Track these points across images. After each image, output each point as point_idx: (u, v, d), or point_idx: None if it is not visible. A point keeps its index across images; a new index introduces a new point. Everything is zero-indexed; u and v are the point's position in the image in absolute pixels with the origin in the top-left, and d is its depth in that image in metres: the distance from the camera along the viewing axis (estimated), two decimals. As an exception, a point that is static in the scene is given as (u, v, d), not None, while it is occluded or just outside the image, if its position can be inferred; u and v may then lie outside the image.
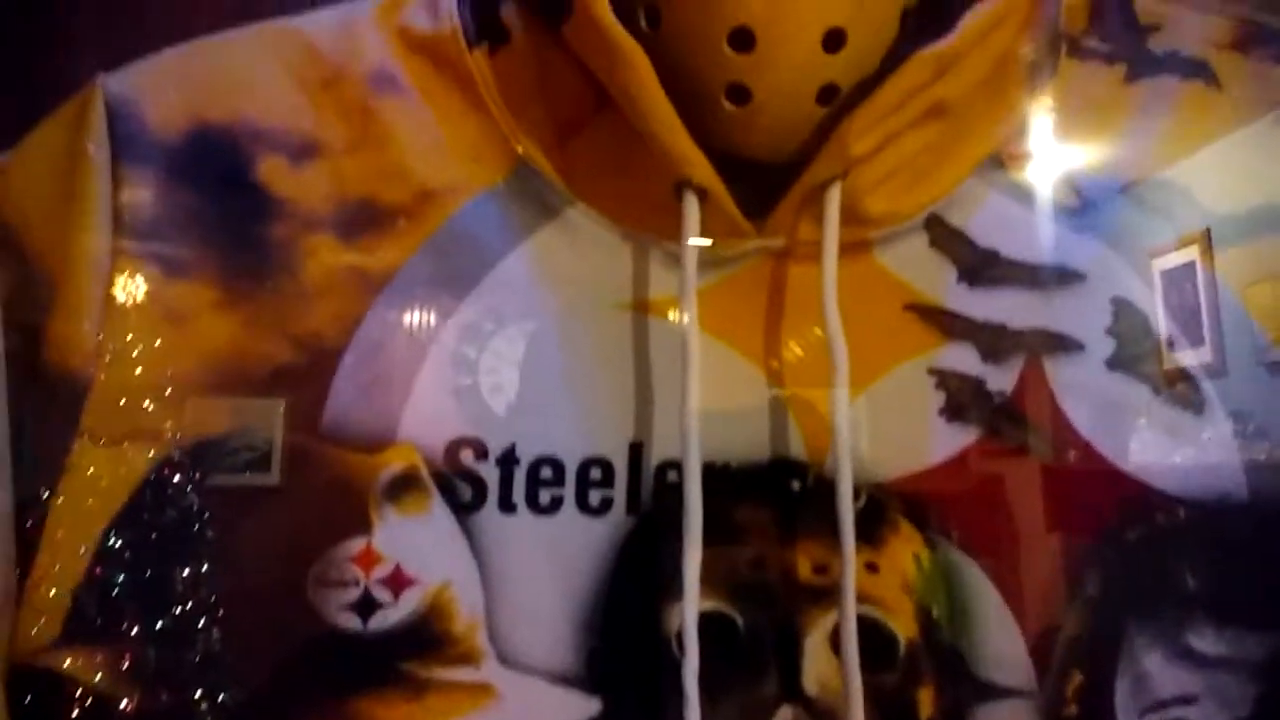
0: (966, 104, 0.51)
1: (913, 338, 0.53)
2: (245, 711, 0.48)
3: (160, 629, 0.48)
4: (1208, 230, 0.54)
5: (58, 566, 0.48)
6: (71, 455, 0.48)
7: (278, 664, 0.48)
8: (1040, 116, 0.55)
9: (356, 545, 0.49)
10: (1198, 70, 0.56)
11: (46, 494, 0.48)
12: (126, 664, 0.48)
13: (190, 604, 0.48)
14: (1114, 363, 0.52)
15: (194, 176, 0.53)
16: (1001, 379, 0.52)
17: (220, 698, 0.47)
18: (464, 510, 0.50)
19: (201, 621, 0.48)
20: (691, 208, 0.49)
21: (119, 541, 0.48)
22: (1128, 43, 0.57)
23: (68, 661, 0.47)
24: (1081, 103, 0.56)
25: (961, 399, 0.52)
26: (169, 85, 0.54)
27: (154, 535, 0.49)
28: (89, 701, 0.47)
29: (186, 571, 0.48)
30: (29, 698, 0.46)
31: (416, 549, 0.50)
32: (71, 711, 0.46)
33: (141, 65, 0.54)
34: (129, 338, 0.50)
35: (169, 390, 0.50)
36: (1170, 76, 0.56)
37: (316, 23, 0.56)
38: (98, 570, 0.48)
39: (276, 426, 0.50)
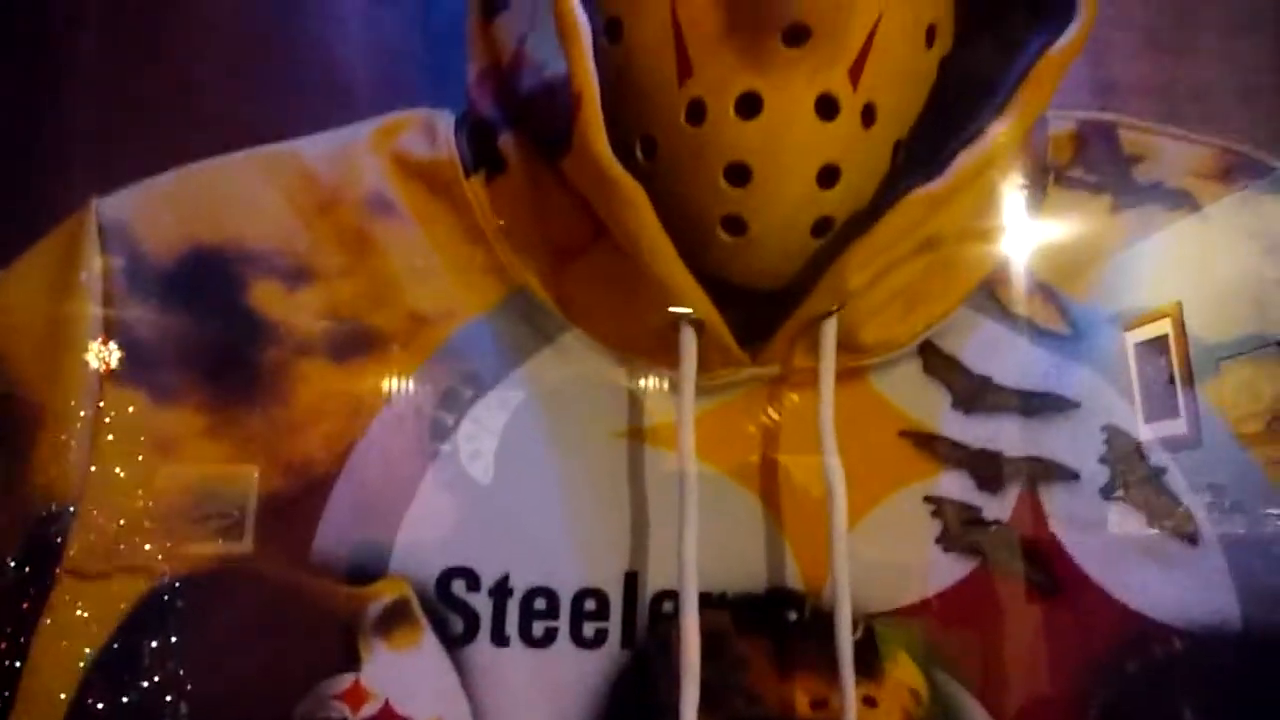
0: (958, 235, 0.52)
1: (908, 465, 0.53)
2: None
3: (127, 704, 0.47)
4: (1179, 304, 0.54)
5: (39, 697, 0.46)
6: (54, 594, 0.47)
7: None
8: (1030, 245, 0.56)
9: (344, 682, 0.48)
10: (1182, 200, 0.57)
11: (23, 638, 0.47)
12: None
13: (158, 678, 0.47)
14: (1109, 492, 0.53)
15: (186, 301, 0.52)
16: (998, 508, 0.52)
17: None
18: (455, 643, 0.49)
19: (169, 697, 0.47)
20: (689, 341, 0.49)
21: (104, 673, 0.47)
22: (1113, 173, 0.58)
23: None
24: (1070, 231, 0.57)
25: (958, 528, 0.52)
26: (164, 209, 0.54)
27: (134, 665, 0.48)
28: None
29: (155, 644, 0.47)
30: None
31: (406, 684, 0.48)
32: None
33: (136, 189, 0.54)
34: (116, 468, 0.49)
35: (157, 521, 0.49)
36: (1155, 206, 0.57)
37: (313, 146, 0.56)
38: (81, 708, 0.47)
39: (250, 492, 0.50)
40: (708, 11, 0.47)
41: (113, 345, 0.51)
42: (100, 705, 0.47)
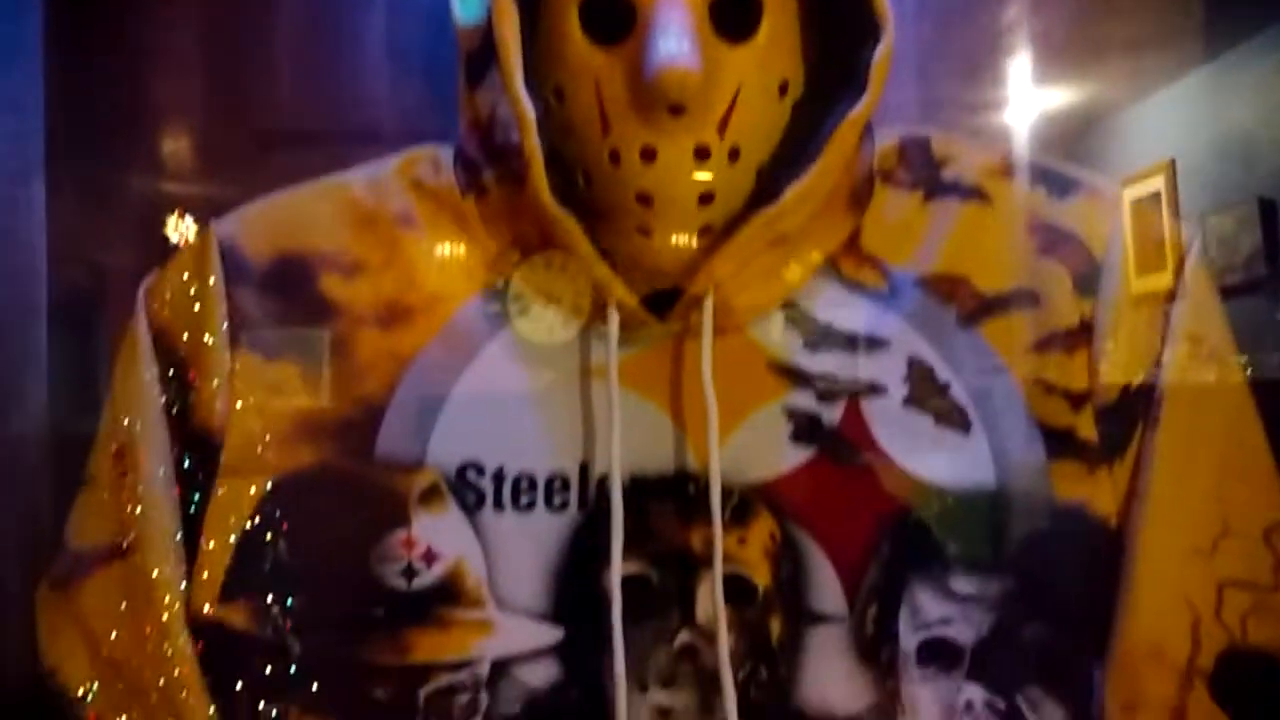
0: (804, 230, 0.75)
1: (773, 386, 0.77)
2: (329, 639, 0.74)
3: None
4: (1173, 161, 0.72)
5: (213, 550, 0.74)
6: (217, 485, 0.75)
7: (352, 610, 0.74)
8: (863, 229, 0.79)
9: (401, 534, 0.75)
10: (974, 193, 0.80)
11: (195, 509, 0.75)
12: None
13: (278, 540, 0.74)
14: (907, 401, 0.77)
15: (280, 290, 0.78)
16: (831, 414, 0.77)
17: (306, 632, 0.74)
18: (470, 510, 0.76)
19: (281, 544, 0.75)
20: (613, 318, 0.74)
21: (250, 534, 0.75)
22: (926, 174, 0.81)
23: (225, 614, 0.74)
24: (892, 218, 0.79)
25: (804, 428, 0.77)
26: (259, 225, 0.79)
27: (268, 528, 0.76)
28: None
29: (276, 514, 0.75)
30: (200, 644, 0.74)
31: (440, 536, 0.75)
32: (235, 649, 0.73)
33: (240, 211, 0.80)
34: (247, 404, 0.76)
35: (274, 436, 0.75)
36: (954, 198, 0.80)
37: (357, 176, 0.81)
38: (238, 555, 0.75)
39: (324, 354, 0.76)
40: (620, 91, 0.71)
41: (234, 321, 0.76)
42: (250, 548, 0.75)
